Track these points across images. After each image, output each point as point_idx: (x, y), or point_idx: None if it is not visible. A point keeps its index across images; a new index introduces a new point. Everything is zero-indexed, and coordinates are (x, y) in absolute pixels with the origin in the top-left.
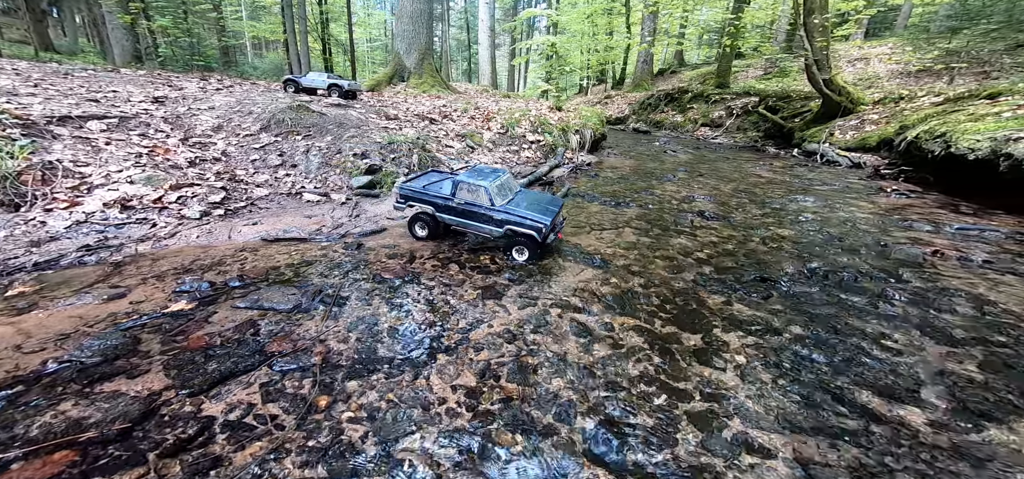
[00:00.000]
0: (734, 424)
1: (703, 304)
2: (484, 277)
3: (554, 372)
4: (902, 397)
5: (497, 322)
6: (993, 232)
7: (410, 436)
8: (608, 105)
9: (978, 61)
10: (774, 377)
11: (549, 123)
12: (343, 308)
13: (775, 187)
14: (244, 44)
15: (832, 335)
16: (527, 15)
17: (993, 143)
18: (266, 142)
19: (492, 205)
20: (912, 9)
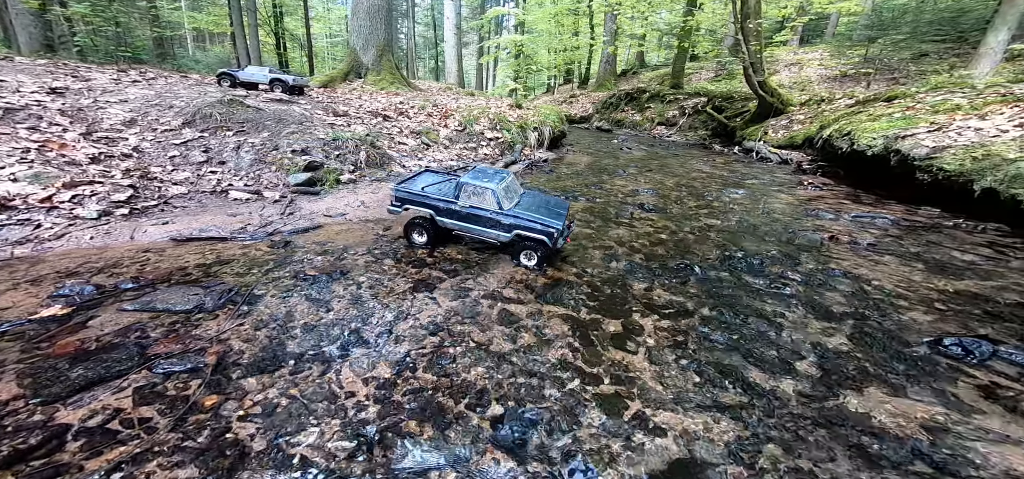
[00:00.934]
0: (635, 405)
1: (628, 291)
2: (418, 270)
3: (474, 361)
4: (781, 370)
5: (425, 314)
6: (882, 219)
7: (306, 431)
8: (573, 104)
9: (889, 68)
10: (677, 358)
11: (508, 121)
12: (255, 306)
13: (713, 181)
14: (184, 36)
15: (733, 316)
16: (494, 14)
17: (885, 140)
18: (189, 138)
19: (500, 209)
20: (839, 18)
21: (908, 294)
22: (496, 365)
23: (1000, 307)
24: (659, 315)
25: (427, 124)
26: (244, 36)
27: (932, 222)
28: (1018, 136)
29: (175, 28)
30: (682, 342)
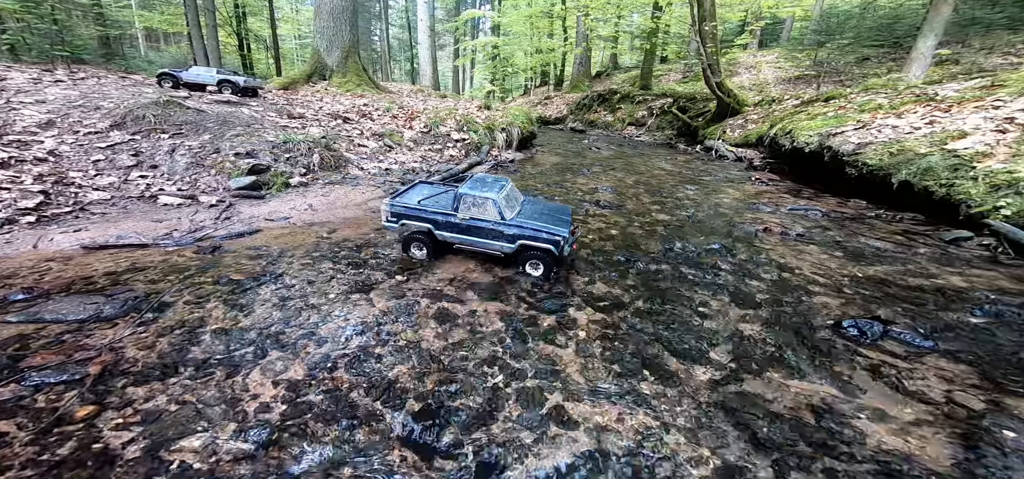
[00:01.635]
0: (554, 398)
1: (570, 285)
2: (359, 272)
3: (399, 360)
4: (697, 359)
5: (356, 316)
6: (814, 211)
7: (193, 436)
8: (548, 105)
9: (836, 71)
10: (603, 350)
11: (475, 122)
12: (163, 313)
13: (671, 178)
14: (135, 35)
15: (663, 306)
16: (468, 16)
17: (820, 138)
18: (117, 141)
19: (502, 219)
20: (793, 23)
21: (823, 281)
22: (422, 363)
23: (899, 290)
24: (595, 308)
25: (391, 126)
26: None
27: (857, 213)
28: (928, 133)
29: (123, 26)
30: (611, 335)
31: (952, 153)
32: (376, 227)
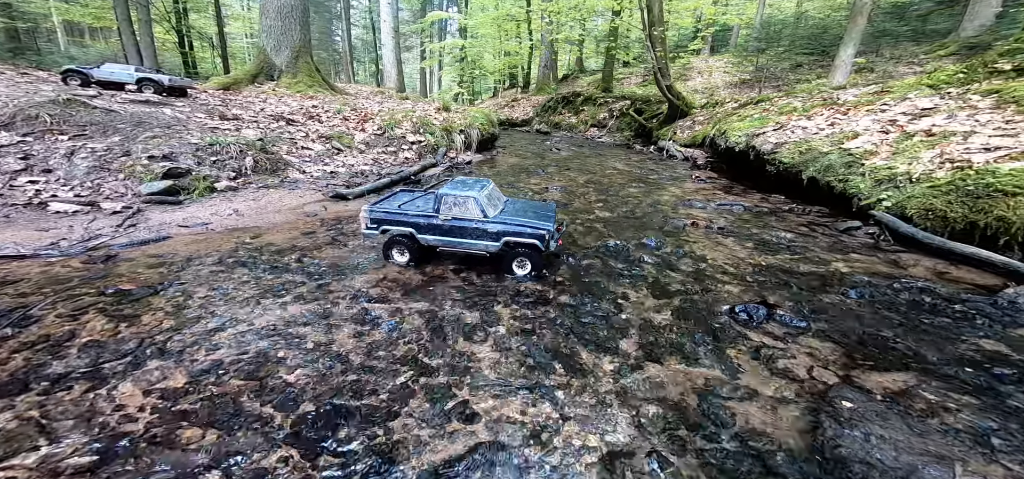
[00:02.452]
0: (462, 393)
1: (501, 282)
2: (276, 276)
3: (304, 363)
4: (606, 349)
5: (264, 320)
6: (739, 206)
7: (30, 452)
8: (514, 107)
9: (775, 76)
10: (520, 344)
11: (431, 124)
12: (26, 327)
13: (621, 177)
14: (53, 28)
15: (584, 300)
16: (434, 18)
17: (746, 138)
18: (3, 142)
19: (485, 216)
20: (739, 31)
21: (731, 270)
22: (329, 365)
23: (792, 276)
24: (519, 304)
25: (341, 128)
26: (133, 32)
27: (775, 208)
28: (829, 133)
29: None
30: (530, 329)
31: (847, 152)
32: (308, 230)
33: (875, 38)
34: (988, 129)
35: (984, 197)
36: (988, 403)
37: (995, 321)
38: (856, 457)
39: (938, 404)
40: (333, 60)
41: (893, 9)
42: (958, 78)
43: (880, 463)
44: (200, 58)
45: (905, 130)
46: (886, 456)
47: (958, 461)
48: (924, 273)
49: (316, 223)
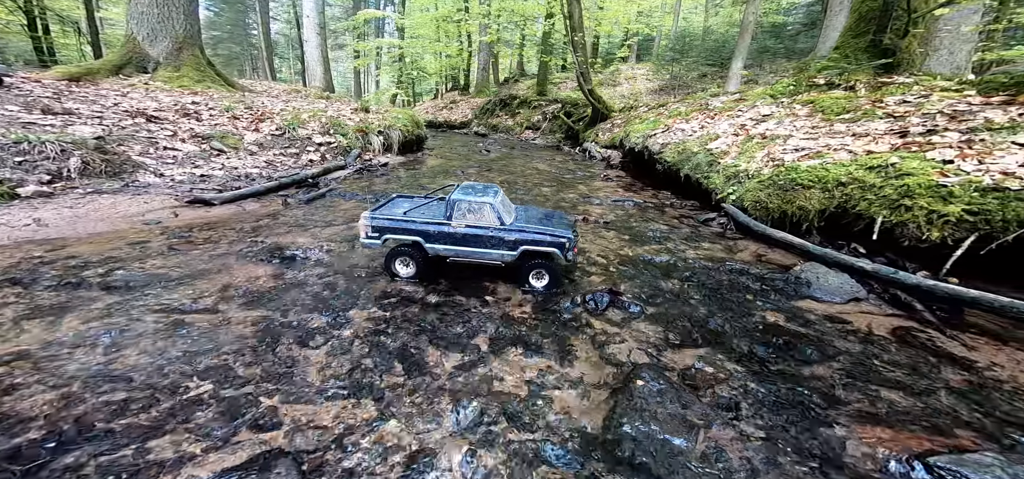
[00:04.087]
0: (268, 402)
1: (371, 286)
2: (55, 294)
3: (50, 386)
4: (458, 346)
5: (9, 346)
6: (631, 202)
7: None
8: (453, 110)
9: (686, 84)
10: (361, 347)
11: (344, 124)
12: None
13: (538, 176)
14: None
15: (455, 297)
16: (365, 16)
17: (642, 139)
18: None
19: (502, 224)
20: (659, 41)
21: (602, 261)
22: (91, 386)
23: (648, 265)
24: (380, 307)
25: (226, 128)
26: None
27: (660, 203)
28: (700, 135)
29: None
30: (383, 330)
31: (710, 152)
32: (138, 240)
33: (759, 54)
34: (800, 133)
35: (790, 189)
36: (751, 371)
37: (782, 295)
38: (629, 434)
39: (713, 375)
40: (249, 56)
41: (771, 29)
42: (789, 90)
43: (646, 437)
44: (61, 45)
45: (749, 133)
46: (652, 430)
47: (702, 428)
48: (747, 256)
49: (154, 232)
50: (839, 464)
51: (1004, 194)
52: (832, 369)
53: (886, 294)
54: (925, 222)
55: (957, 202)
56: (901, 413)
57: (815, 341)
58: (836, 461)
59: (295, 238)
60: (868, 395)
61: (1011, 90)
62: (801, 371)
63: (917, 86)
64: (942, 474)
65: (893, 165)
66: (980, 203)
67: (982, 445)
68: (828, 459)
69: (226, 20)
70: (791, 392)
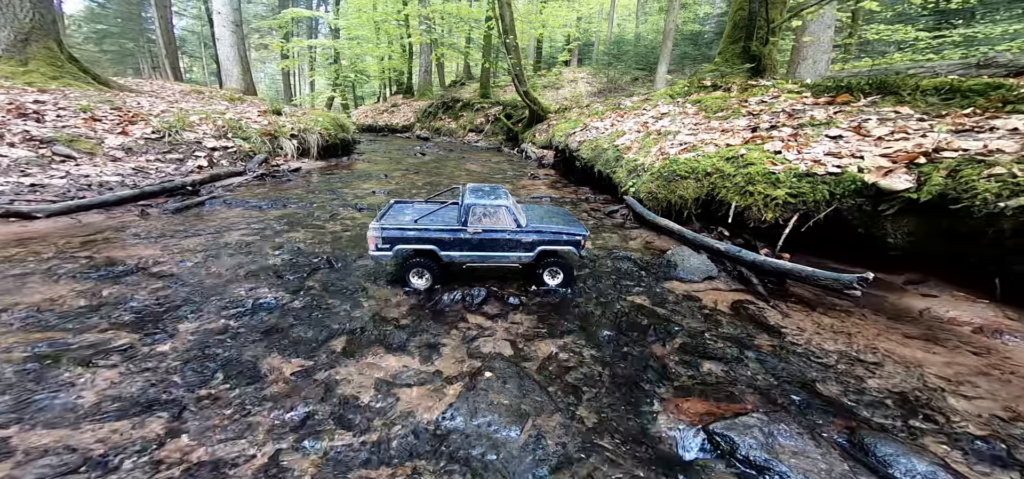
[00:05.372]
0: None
1: (222, 291)
2: None
3: None
4: (307, 351)
5: None
6: (548, 199)
7: None
8: (395, 113)
9: (621, 87)
10: (174, 363)
11: (245, 128)
12: None
13: (470, 178)
14: None
15: (327, 301)
16: (292, 15)
17: (565, 138)
18: None
19: (519, 226)
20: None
21: None
22: None
23: None
24: (226, 317)
25: (80, 130)
26: None
27: (578, 198)
28: (610, 133)
29: None
30: (219, 340)
31: (617, 148)
32: None
33: (680, 59)
34: (686, 129)
35: (673, 180)
36: (602, 356)
37: (653, 278)
38: (459, 428)
39: (566, 362)
40: (149, 54)
41: (690, 36)
42: (684, 91)
43: (475, 429)
44: None
45: (648, 130)
46: (482, 421)
47: (532, 416)
48: (637, 244)
49: None
50: (647, 440)
51: (814, 179)
52: (672, 346)
53: (735, 271)
54: (763, 205)
55: (782, 187)
56: (712, 384)
57: (666, 320)
58: (645, 437)
59: (140, 252)
60: (693, 369)
61: (833, 92)
62: (646, 351)
63: (773, 88)
64: (718, 439)
65: (742, 156)
66: (798, 187)
67: (758, 408)
68: (640, 436)
69: (114, 12)
70: (631, 373)
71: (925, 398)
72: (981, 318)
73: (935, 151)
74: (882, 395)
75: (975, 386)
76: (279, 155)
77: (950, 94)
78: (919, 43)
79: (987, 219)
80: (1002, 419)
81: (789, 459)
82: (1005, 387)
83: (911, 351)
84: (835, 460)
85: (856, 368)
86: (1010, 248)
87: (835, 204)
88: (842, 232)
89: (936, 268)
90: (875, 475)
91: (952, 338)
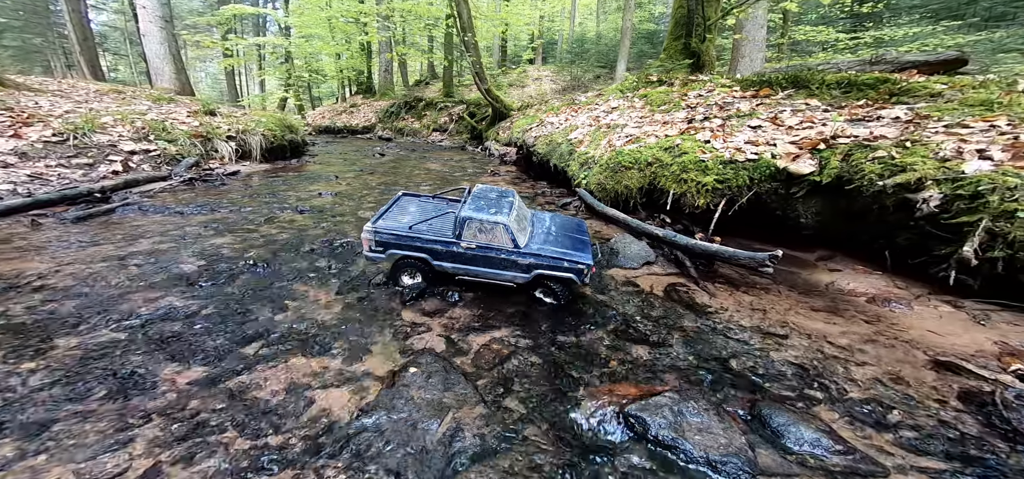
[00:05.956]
0: None
1: (125, 300)
2: None
3: None
4: (219, 355)
5: None
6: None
7: None
8: (354, 113)
9: (584, 84)
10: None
11: (169, 129)
12: None
13: (429, 177)
14: None
15: (249, 305)
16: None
17: (522, 134)
18: None
19: (516, 247)
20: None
21: None
22: None
23: None
24: (120, 329)
25: None
26: None
27: (535, 192)
28: (563, 128)
29: None
30: (105, 353)
31: (570, 142)
32: None
33: (638, 57)
34: (632, 122)
35: (619, 170)
36: (537, 346)
37: (597, 266)
38: (373, 424)
39: (500, 352)
40: (62, 50)
41: (646, 35)
42: (633, 85)
43: (390, 425)
44: None
45: (599, 124)
46: (400, 417)
47: (453, 409)
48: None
49: None
50: (570, 427)
51: (737, 165)
52: (605, 333)
53: (672, 255)
54: (695, 191)
55: (711, 174)
56: (636, 367)
57: (604, 307)
58: (569, 424)
59: (22, 265)
60: (623, 353)
61: (757, 87)
62: (580, 339)
63: (710, 83)
64: (632, 420)
65: (677, 146)
66: (723, 174)
67: (675, 388)
68: (563, 424)
69: (14, 4)
70: (564, 361)
71: (821, 368)
72: (874, 288)
73: (833, 138)
74: (785, 367)
75: (864, 353)
76: (214, 158)
77: (849, 88)
78: (839, 44)
79: (874, 197)
80: (883, 383)
81: (694, 436)
82: (889, 352)
83: (815, 323)
84: (735, 434)
85: (767, 342)
86: (893, 223)
87: (755, 188)
88: (763, 215)
89: (841, 244)
90: (770, 446)
91: (850, 308)
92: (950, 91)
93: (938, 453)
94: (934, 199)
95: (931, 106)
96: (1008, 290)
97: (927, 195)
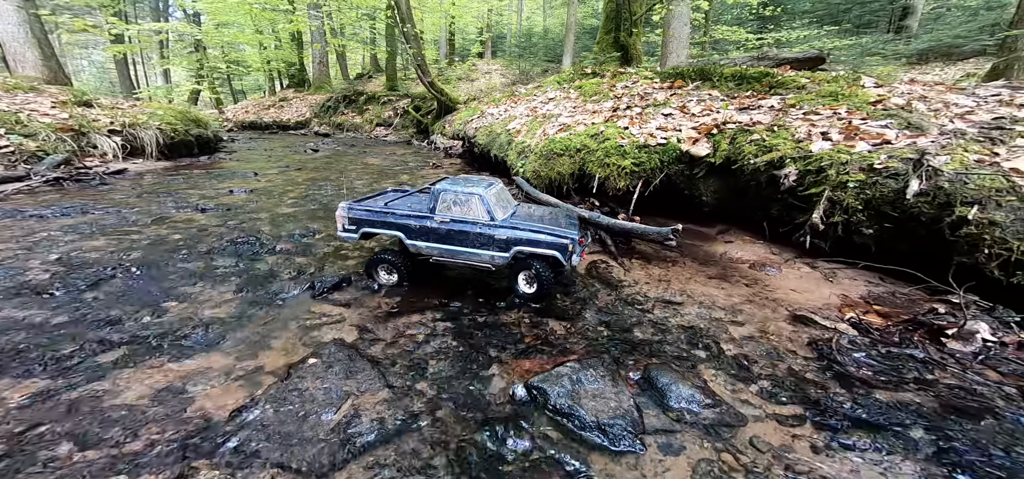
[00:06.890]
0: None
1: None
2: None
3: None
4: (58, 364)
5: None
6: None
7: None
8: (285, 108)
9: (531, 78)
10: None
11: (25, 121)
12: None
13: (366, 172)
14: None
15: (63, 312)
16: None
17: (463, 126)
18: None
19: (492, 219)
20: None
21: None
22: None
23: None
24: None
25: None
26: None
27: None
28: (503, 118)
29: None
30: None
31: (508, 132)
32: None
33: (582, 51)
34: (566, 112)
35: (552, 158)
36: (459, 329)
37: None
38: (257, 419)
39: (415, 336)
40: None
41: (590, 30)
42: (569, 77)
43: (276, 418)
44: None
45: (537, 114)
46: (289, 410)
47: (353, 396)
48: None
49: None
50: (479, 403)
51: (650, 150)
52: (525, 311)
53: (596, 235)
54: (617, 175)
55: (628, 157)
56: (549, 342)
57: None
58: (478, 401)
59: None
60: (538, 329)
61: (673, 79)
62: (500, 318)
63: (635, 75)
64: (534, 391)
65: (602, 132)
66: (639, 157)
67: (579, 357)
68: (473, 402)
69: None
70: (481, 341)
71: (707, 328)
72: (756, 256)
73: (724, 124)
74: (679, 331)
75: (742, 312)
76: (91, 155)
77: (741, 80)
78: (748, 43)
79: (752, 174)
80: (753, 340)
81: (589, 401)
82: (761, 310)
83: (708, 289)
84: (625, 397)
85: (667, 310)
86: (766, 197)
87: (665, 170)
88: (674, 195)
89: (734, 219)
90: (656, 405)
91: (736, 274)
92: (812, 84)
93: (786, 399)
94: (792, 175)
95: (796, 96)
96: (849, 250)
97: (787, 171)
